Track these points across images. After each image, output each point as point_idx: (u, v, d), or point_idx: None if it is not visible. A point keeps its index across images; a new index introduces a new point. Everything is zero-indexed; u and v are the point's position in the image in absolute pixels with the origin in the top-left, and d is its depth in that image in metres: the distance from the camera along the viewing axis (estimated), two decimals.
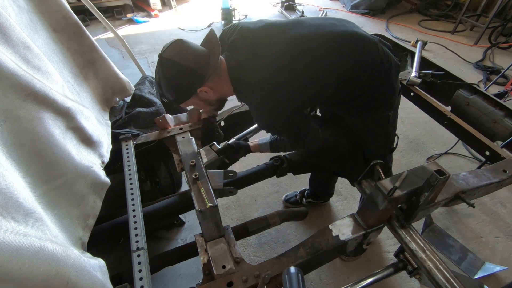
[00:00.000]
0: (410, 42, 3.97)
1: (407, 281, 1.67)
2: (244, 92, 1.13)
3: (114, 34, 2.01)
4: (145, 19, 4.75)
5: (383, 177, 1.07)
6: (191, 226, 1.96)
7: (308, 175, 1.99)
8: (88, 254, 0.90)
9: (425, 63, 1.76)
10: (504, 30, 4.06)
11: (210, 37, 1.08)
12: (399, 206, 1.03)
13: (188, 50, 1.01)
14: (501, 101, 1.42)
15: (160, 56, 1.00)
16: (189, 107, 1.41)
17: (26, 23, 1.05)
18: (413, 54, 1.85)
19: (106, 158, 1.22)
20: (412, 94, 1.66)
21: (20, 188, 0.67)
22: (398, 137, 1.40)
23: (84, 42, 1.38)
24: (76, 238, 0.92)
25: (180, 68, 0.99)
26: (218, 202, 1.03)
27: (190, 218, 1.99)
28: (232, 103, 1.48)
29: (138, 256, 0.95)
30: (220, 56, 1.09)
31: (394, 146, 1.42)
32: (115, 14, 4.78)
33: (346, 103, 1.21)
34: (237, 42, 1.10)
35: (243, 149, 1.35)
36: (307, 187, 2.07)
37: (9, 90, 0.75)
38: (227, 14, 4.31)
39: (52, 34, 1.23)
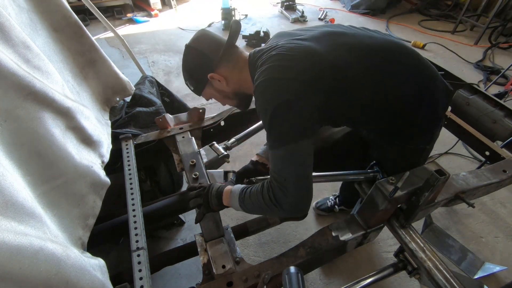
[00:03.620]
0: (410, 42, 3.99)
1: (407, 281, 1.67)
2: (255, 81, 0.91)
3: (114, 34, 2.01)
4: (145, 18, 4.75)
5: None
6: (191, 226, 1.95)
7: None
8: (88, 254, 0.90)
9: None
10: (504, 30, 4.06)
11: (231, 28, 1.02)
12: (399, 206, 1.03)
13: (206, 37, 1.02)
14: (501, 101, 1.42)
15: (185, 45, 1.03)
16: (205, 104, 1.38)
17: (26, 22, 1.05)
18: None
19: (106, 157, 1.22)
20: None
21: (20, 187, 0.67)
22: None
23: (84, 41, 1.38)
24: (76, 237, 0.92)
25: (194, 52, 1.01)
26: None
27: (190, 218, 1.98)
28: None
29: (138, 256, 0.95)
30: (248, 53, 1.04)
31: None
32: (115, 13, 4.78)
33: (377, 126, 1.01)
34: (272, 36, 1.06)
35: (214, 197, 1.01)
36: (334, 193, 2.01)
37: (9, 90, 0.75)
38: (227, 14, 4.32)
39: (52, 33, 1.23)
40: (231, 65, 1.01)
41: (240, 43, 4.10)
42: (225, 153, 1.26)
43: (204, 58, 1.00)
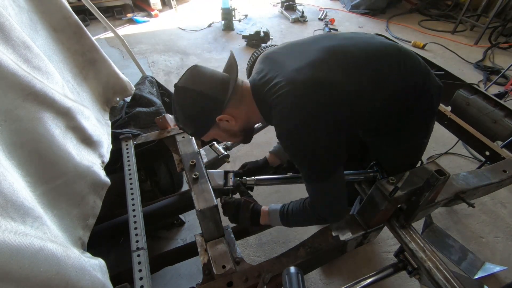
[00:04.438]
0: (410, 42, 3.99)
1: (407, 281, 1.67)
2: (274, 115, 0.88)
3: (114, 34, 2.01)
4: (145, 19, 4.75)
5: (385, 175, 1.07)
6: (191, 226, 1.95)
7: None
8: (88, 254, 0.90)
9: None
10: (504, 30, 4.06)
11: (229, 60, 0.96)
12: (399, 206, 1.03)
13: (205, 75, 0.90)
14: (501, 101, 1.42)
15: (175, 85, 0.90)
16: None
17: (26, 23, 1.05)
18: None
19: (106, 158, 1.22)
20: None
21: (20, 188, 0.67)
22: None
23: (84, 42, 1.38)
24: (76, 238, 0.92)
25: (196, 95, 0.87)
26: (218, 202, 1.03)
27: (190, 218, 1.99)
28: None
29: (138, 256, 0.95)
30: (244, 80, 0.98)
31: None
32: (115, 14, 4.78)
33: (379, 128, 1.03)
34: (260, 61, 0.99)
35: (248, 213, 1.09)
36: None
37: (9, 90, 0.75)
38: (227, 14, 4.32)
39: (52, 34, 1.23)
40: (237, 102, 0.92)
41: (240, 43, 4.10)
42: (225, 153, 1.26)
43: (210, 101, 0.88)
